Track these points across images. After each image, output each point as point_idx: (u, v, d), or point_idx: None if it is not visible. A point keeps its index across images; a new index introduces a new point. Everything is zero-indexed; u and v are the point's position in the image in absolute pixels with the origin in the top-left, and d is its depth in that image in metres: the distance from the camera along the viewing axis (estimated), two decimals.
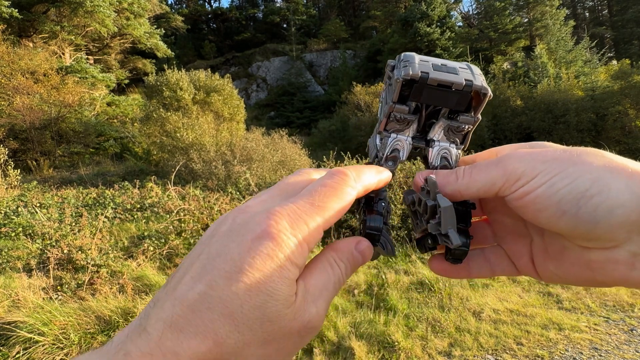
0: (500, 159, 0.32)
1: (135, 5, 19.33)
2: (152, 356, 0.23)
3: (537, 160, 0.30)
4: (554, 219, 0.29)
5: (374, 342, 2.64)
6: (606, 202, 0.27)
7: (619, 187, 0.27)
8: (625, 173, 0.28)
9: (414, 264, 3.91)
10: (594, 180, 0.28)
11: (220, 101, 11.83)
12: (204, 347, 0.24)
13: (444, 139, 0.38)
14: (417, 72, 0.35)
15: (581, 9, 33.39)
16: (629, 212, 0.27)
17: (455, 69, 0.36)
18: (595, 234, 0.28)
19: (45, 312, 2.58)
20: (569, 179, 0.28)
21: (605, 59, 17.71)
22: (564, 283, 0.35)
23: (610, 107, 11.23)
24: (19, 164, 10.19)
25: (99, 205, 5.75)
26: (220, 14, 33.78)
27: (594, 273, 0.31)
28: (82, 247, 3.48)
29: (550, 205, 0.29)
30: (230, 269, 0.25)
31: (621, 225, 0.27)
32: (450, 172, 0.35)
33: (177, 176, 7.19)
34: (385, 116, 0.38)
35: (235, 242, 0.26)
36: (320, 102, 22.98)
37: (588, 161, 0.29)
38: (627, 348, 2.62)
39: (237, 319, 0.25)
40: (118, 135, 14.70)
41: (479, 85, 0.35)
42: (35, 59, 13.46)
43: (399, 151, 0.39)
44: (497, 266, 0.38)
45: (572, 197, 0.28)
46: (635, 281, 0.29)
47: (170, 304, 0.25)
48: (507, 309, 3.14)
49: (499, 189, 0.32)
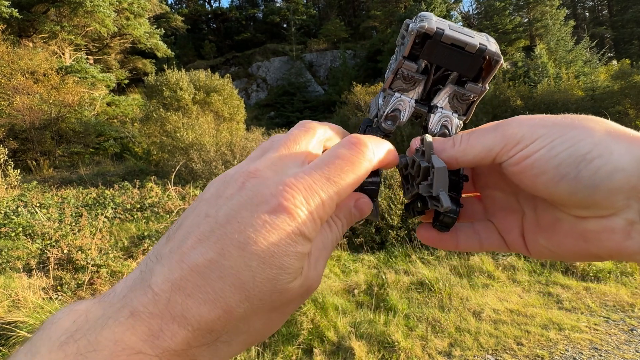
0: (498, 124, 0.32)
1: (135, 5, 19.33)
2: (162, 319, 0.23)
3: (537, 124, 0.30)
4: (552, 184, 0.29)
5: (374, 342, 2.64)
6: (607, 165, 0.27)
7: (620, 150, 0.27)
8: (627, 138, 0.27)
9: (414, 264, 3.91)
10: (595, 144, 0.27)
11: (220, 101, 11.83)
12: (214, 314, 0.24)
13: (448, 106, 0.37)
14: (433, 27, 0.33)
15: (581, 9, 33.39)
16: (629, 176, 0.26)
17: (472, 33, 0.35)
18: (594, 199, 0.28)
19: (45, 312, 2.58)
20: (570, 142, 0.28)
21: (605, 59, 17.71)
22: (555, 258, 0.34)
23: (610, 107, 11.23)
24: (19, 164, 10.19)
25: (99, 205, 5.75)
26: (220, 14, 33.78)
27: (587, 244, 0.30)
28: (82, 247, 3.48)
29: (549, 169, 0.28)
30: (244, 239, 0.24)
31: (620, 190, 0.27)
32: (447, 139, 0.34)
33: (177, 176, 7.19)
34: (392, 72, 0.37)
35: (249, 210, 0.25)
36: (320, 102, 22.98)
37: (589, 126, 0.29)
38: (627, 348, 2.62)
39: (248, 290, 0.24)
40: (118, 135, 14.70)
41: (492, 51, 0.34)
42: (35, 59, 13.46)
43: (400, 111, 0.37)
44: (485, 240, 0.38)
45: (572, 160, 0.28)
46: (630, 251, 0.28)
47: (178, 265, 0.24)
48: (507, 309, 3.14)
49: (497, 154, 0.31)
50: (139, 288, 0.24)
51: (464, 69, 0.35)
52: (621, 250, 0.29)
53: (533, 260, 3.96)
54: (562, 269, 3.82)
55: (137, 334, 0.23)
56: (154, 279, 0.24)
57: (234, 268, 0.24)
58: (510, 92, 13.50)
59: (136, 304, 0.24)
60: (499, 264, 3.92)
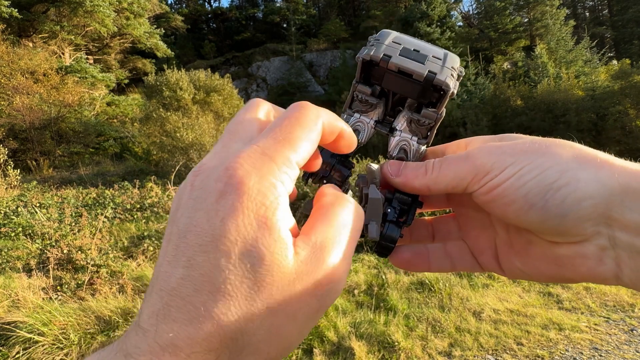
0: (468, 154, 0.32)
1: (135, 5, 19.33)
2: (152, 353, 0.21)
3: (505, 153, 0.30)
4: (521, 213, 0.29)
5: (374, 342, 2.64)
6: (574, 194, 0.27)
7: (588, 178, 0.27)
8: (594, 163, 0.27)
9: None
10: (562, 172, 0.27)
11: (220, 101, 11.83)
12: (203, 332, 0.21)
13: (407, 129, 0.37)
14: (378, 55, 0.33)
15: (581, 9, 33.39)
16: (596, 204, 0.26)
17: (426, 58, 0.33)
18: (564, 227, 0.28)
19: (45, 312, 2.58)
20: (537, 170, 0.28)
21: (605, 58, 17.70)
22: (529, 279, 0.34)
23: (610, 107, 11.23)
24: (19, 164, 10.18)
25: (99, 205, 5.75)
26: (220, 14, 33.77)
27: (561, 269, 0.31)
28: (82, 247, 3.48)
29: (518, 199, 0.28)
30: (204, 241, 0.22)
31: (588, 217, 0.27)
32: (419, 166, 0.34)
33: (177, 176, 7.18)
34: (349, 95, 0.37)
35: (201, 209, 0.23)
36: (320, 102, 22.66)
37: (557, 152, 0.28)
38: (627, 348, 2.62)
39: (227, 293, 0.21)
40: (118, 135, 14.70)
41: (440, 80, 0.32)
42: (35, 59, 13.46)
43: (359, 132, 0.37)
44: (458, 261, 0.38)
45: (540, 189, 0.28)
46: (603, 277, 0.29)
47: (158, 295, 0.22)
48: (507, 309, 3.14)
49: (468, 184, 0.31)
50: (132, 330, 0.23)
51: (415, 95, 0.35)
52: (594, 275, 0.29)
53: None
54: None
55: None
56: (142, 317, 0.23)
57: (205, 275, 0.22)
58: (511, 92, 13.50)
59: (128, 346, 0.22)
60: None
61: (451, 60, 0.34)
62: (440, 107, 0.35)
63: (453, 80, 0.33)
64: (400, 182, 0.34)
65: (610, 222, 0.27)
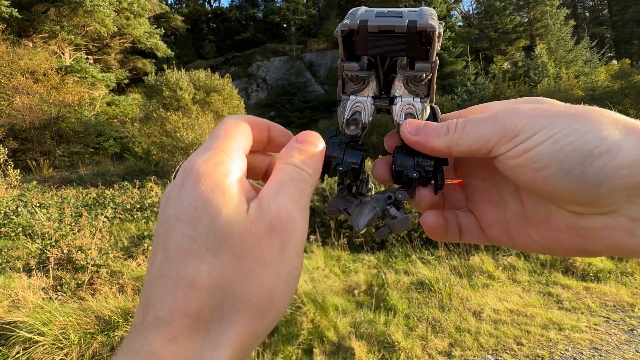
0: (497, 113, 0.29)
1: (135, 5, 19.33)
2: (141, 335, 0.24)
3: (539, 115, 0.28)
4: (553, 180, 0.27)
5: (374, 342, 2.64)
6: (614, 162, 0.25)
7: (629, 146, 0.25)
8: (635, 131, 0.26)
9: (414, 264, 3.91)
10: (602, 138, 0.25)
11: (220, 101, 11.83)
12: (180, 297, 0.24)
13: (406, 93, 0.35)
14: (355, 22, 0.32)
15: (581, 9, 33.38)
16: (634, 173, 0.25)
17: (401, 13, 0.33)
18: (596, 196, 0.26)
19: (45, 312, 2.58)
20: (576, 135, 0.26)
21: (605, 58, 17.70)
22: (547, 253, 0.33)
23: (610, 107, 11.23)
24: (19, 164, 10.18)
25: (99, 205, 5.75)
26: (220, 14, 33.76)
27: (584, 241, 0.29)
28: (82, 247, 3.48)
29: (552, 164, 0.26)
30: (170, 223, 0.26)
31: (624, 187, 0.25)
32: (440, 125, 0.32)
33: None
34: (340, 78, 0.36)
35: (169, 202, 0.27)
36: (320, 102, 22.96)
37: (596, 118, 0.27)
38: (627, 348, 2.62)
39: (195, 254, 0.25)
40: (118, 135, 14.69)
41: (423, 24, 0.31)
42: (35, 59, 13.46)
43: (360, 113, 0.36)
44: (466, 232, 0.37)
45: (578, 155, 0.26)
46: (631, 249, 0.27)
47: (142, 292, 0.26)
48: (507, 309, 3.14)
49: (494, 146, 0.29)
50: (130, 332, 0.26)
51: (404, 51, 0.34)
52: (622, 247, 0.27)
53: (533, 260, 3.96)
54: (562, 269, 3.82)
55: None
56: (135, 319, 0.26)
57: (176, 247, 0.25)
58: (511, 92, 13.50)
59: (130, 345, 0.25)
60: (499, 264, 3.92)
61: (427, 10, 0.34)
62: (431, 54, 0.33)
63: (435, 22, 0.32)
64: (419, 141, 0.32)
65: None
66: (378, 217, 0.33)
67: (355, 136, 0.36)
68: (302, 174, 0.30)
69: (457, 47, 20.88)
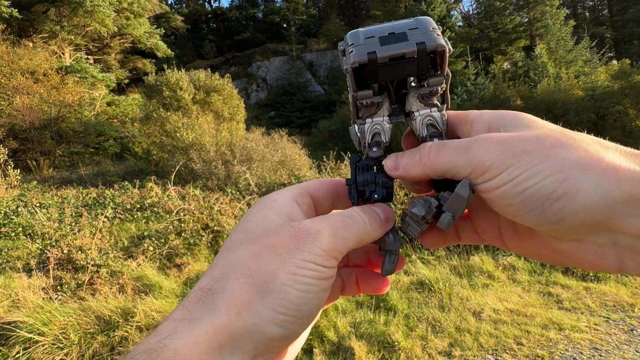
0: (469, 145, 0.31)
1: (135, 5, 19.33)
2: (170, 320, 0.28)
3: (507, 152, 0.29)
4: (518, 215, 0.29)
5: (374, 342, 2.64)
6: (571, 205, 0.26)
7: (588, 188, 0.26)
8: (598, 169, 0.26)
9: (414, 264, 3.91)
10: (562, 181, 0.27)
11: (220, 101, 11.83)
12: (202, 278, 0.30)
13: (422, 106, 0.36)
14: (363, 57, 0.32)
15: (581, 9, 33.37)
16: (593, 214, 0.26)
17: (405, 34, 0.33)
18: (558, 230, 0.28)
19: (45, 312, 2.58)
20: (536, 178, 0.27)
21: (605, 58, 17.69)
22: (533, 259, 0.36)
23: (610, 107, 11.23)
24: (19, 164, 10.18)
25: (99, 205, 5.75)
26: (220, 14, 33.76)
27: (563, 258, 0.31)
28: (82, 247, 3.48)
29: (515, 203, 0.29)
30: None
31: (584, 224, 0.27)
32: (413, 153, 0.34)
33: (177, 176, 7.18)
34: (353, 106, 0.37)
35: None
36: (320, 102, 22.96)
37: (560, 157, 0.27)
38: (627, 348, 2.62)
39: (227, 247, 0.32)
40: (118, 135, 14.70)
41: (433, 45, 0.32)
42: (35, 59, 13.46)
43: (379, 135, 0.37)
44: (463, 233, 0.39)
45: (537, 198, 0.27)
46: (605, 269, 0.29)
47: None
48: (507, 309, 3.14)
49: (465, 177, 0.31)
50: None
51: (415, 72, 0.34)
52: (596, 268, 0.30)
53: (533, 260, 3.96)
54: (562, 269, 3.82)
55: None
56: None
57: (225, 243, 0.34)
58: (510, 92, 13.50)
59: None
60: (499, 264, 3.92)
61: (427, 23, 0.34)
62: (443, 68, 0.34)
63: (442, 38, 0.33)
64: (402, 175, 0.34)
65: (609, 228, 0.27)
66: (435, 206, 0.33)
67: (379, 157, 0.37)
68: (356, 217, 0.33)
69: (457, 47, 20.87)
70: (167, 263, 3.80)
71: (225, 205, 4.96)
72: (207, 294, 0.29)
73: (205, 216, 4.53)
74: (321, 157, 7.58)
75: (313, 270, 0.29)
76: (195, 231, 4.26)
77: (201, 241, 4.16)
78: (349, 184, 0.38)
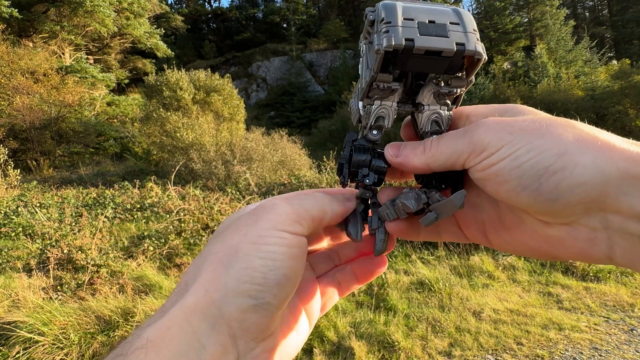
0: (467, 129, 0.31)
1: (135, 5, 19.33)
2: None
3: (504, 131, 0.29)
4: (513, 194, 0.29)
5: (374, 342, 2.64)
6: (568, 180, 0.26)
7: (585, 163, 0.26)
8: (594, 147, 0.26)
9: (414, 263, 3.91)
10: (559, 155, 0.27)
11: (220, 101, 11.83)
12: (183, 274, 0.32)
13: (434, 102, 0.35)
14: (400, 42, 0.30)
15: (581, 9, 33.37)
16: (590, 190, 0.26)
17: (445, 28, 0.31)
18: (553, 209, 0.28)
19: (45, 312, 2.58)
20: (534, 152, 0.27)
21: (605, 58, 17.70)
22: (517, 254, 0.34)
23: (610, 107, 11.23)
24: (19, 164, 10.19)
25: (99, 205, 5.75)
26: (220, 14, 33.78)
27: (551, 247, 0.31)
28: (82, 247, 3.48)
29: (512, 179, 0.28)
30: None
31: (580, 202, 0.27)
32: (417, 145, 0.34)
33: (177, 176, 7.18)
34: (367, 85, 0.35)
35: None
36: (320, 102, 22.97)
37: (557, 133, 0.28)
38: (627, 348, 2.62)
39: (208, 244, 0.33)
40: (118, 135, 14.70)
41: (472, 50, 0.31)
42: (35, 59, 13.46)
43: (383, 119, 0.36)
44: (444, 231, 0.38)
45: (535, 172, 0.27)
46: (594, 257, 0.28)
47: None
48: (507, 309, 3.14)
49: (465, 160, 0.31)
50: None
51: (443, 70, 0.33)
52: (585, 255, 0.29)
53: (533, 260, 3.96)
54: (562, 269, 3.82)
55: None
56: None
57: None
58: (510, 92, 13.51)
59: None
60: (499, 264, 3.92)
61: (468, 21, 0.32)
62: (470, 74, 0.34)
63: (481, 45, 0.32)
64: (401, 162, 0.35)
65: (603, 206, 0.26)
66: (424, 202, 0.33)
67: (376, 141, 0.37)
68: (310, 191, 0.36)
69: None
70: (167, 263, 3.80)
71: (225, 205, 4.96)
72: (182, 288, 0.30)
73: (205, 216, 4.53)
74: (321, 157, 7.58)
75: (276, 238, 0.30)
76: (195, 231, 4.27)
77: (201, 241, 4.16)
78: (342, 161, 0.38)
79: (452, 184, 0.35)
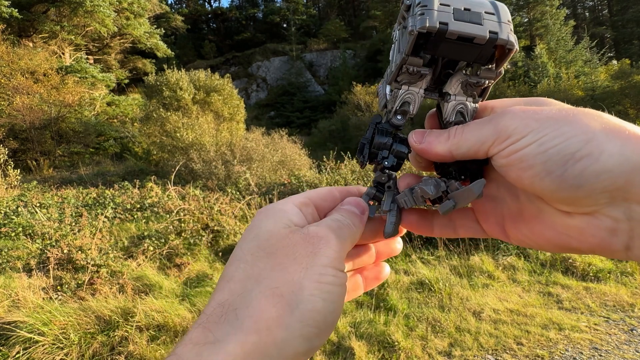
0: (492, 117, 0.31)
1: (135, 5, 19.34)
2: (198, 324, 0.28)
3: (530, 118, 0.29)
4: (537, 179, 0.28)
5: (374, 342, 2.64)
6: (594, 166, 0.26)
7: (612, 150, 0.26)
8: (622, 135, 0.26)
9: (414, 263, 3.91)
10: (586, 142, 0.26)
11: (220, 101, 11.84)
12: (217, 291, 0.30)
13: (461, 92, 0.35)
14: (434, 24, 0.30)
15: (581, 9, 33.38)
16: (615, 177, 0.26)
17: (480, 16, 0.31)
18: (577, 197, 0.27)
19: (45, 312, 2.58)
20: (561, 138, 0.27)
21: (605, 58, 17.71)
22: (536, 248, 0.34)
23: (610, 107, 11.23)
24: (19, 164, 10.19)
25: (99, 205, 5.75)
26: (220, 14, 33.79)
27: (570, 239, 0.30)
28: (82, 247, 3.48)
29: (536, 165, 0.28)
30: (242, 236, 0.35)
31: (604, 190, 0.26)
32: (441, 132, 0.34)
33: (177, 176, 7.19)
34: (396, 68, 0.35)
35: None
36: (320, 102, 22.97)
37: (584, 121, 0.27)
38: (627, 348, 2.62)
39: (239, 258, 0.31)
40: (118, 135, 14.71)
41: (504, 40, 0.31)
42: (35, 59, 13.47)
43: (409, 104, 0.36)
44: (461, 227, 0.38)
45: (560, 157, 0.27)
46: (613, 249, 0.28)
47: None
48: (507, 308, 3.14)
49: (489, 147, 0.31)
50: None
51: (473, 58, 0.33)
52: (604, 247, 0.28)
53: (533, 260, 3.96)
54: (562, 269, 3.82)
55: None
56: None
57: (233, 254, 0.34)
58: (510, 92, 13.52)
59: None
60: (499, 264, 3.92)
61: (504, 12, 0.32)
62: (501, 65, 0.33)
63: (513, 36, 0.32)
64: (424, 149, 0.34)
65: (627, 196, 0.26)
66: (443, 190, 0.33)
67: (400, 126, 0.37)
68: (344, 220, 0.35)
69: None
70: (167, 263, 3.81)
71: (225, 205, 4.96)
72: (228, 310, 0.28)
73: (205, 216, 4.53)
74: (321, 157, 7.58)
75: (333, 276, 0.30)
76: (195, 231, 4.27)
77: (201, 241, 4.16)
78: (363, 142, 0.38)
79: (471, 176, 0.35)
